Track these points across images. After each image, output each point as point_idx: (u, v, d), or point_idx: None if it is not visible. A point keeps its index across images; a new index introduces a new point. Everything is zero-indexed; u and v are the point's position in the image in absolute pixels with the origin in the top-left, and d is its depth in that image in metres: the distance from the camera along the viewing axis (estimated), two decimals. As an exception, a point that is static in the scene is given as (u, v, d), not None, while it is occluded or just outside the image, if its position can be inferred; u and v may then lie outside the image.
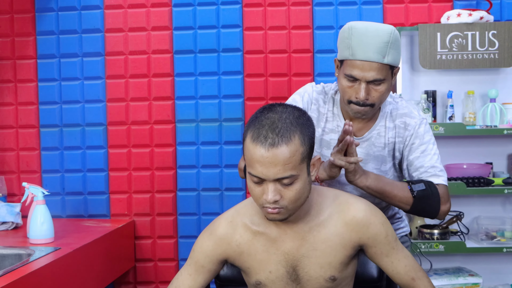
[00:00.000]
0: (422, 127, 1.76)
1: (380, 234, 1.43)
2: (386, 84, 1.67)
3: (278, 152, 1.28)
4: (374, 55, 1.63)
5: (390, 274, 1.47)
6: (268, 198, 1.30)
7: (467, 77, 2.78)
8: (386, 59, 1.64)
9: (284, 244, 1.44)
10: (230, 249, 1.46)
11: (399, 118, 1.77)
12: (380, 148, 1.78)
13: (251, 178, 1.33)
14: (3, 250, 2.14)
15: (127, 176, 2.89)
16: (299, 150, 1.31)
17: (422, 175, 1.73)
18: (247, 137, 1.33)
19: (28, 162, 2.91)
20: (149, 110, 2.86)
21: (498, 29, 2.58)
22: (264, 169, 1.29)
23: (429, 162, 1.74)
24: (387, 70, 1.66)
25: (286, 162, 1.29)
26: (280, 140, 1.29)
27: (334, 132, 1.79)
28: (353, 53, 1.65)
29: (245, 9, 2.81)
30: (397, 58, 1.68)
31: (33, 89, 2.90)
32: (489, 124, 2.67)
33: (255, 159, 1.30)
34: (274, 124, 1.31)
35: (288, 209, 1.34)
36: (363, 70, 1.64)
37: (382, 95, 1.68)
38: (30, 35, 2.88)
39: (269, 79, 2.82)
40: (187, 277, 1.49)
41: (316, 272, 1.43)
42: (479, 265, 2.79)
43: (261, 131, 1.30)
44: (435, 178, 1.72)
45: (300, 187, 1.33)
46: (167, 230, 2.88)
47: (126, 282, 2.91)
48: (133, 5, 2.84)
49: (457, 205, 2.80)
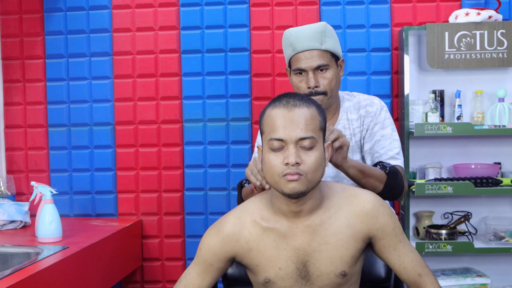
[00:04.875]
0: (383, 114, 1.90)
1: (388, 225, 1.45)
2: (332, 71, 1.83)
3: (300, 112, 1.35)
4: (312, 43, 1.81)
5: (397, 270, 1.47)
6: (290, 159, 1.32)
7: (475, 76, 2.77)
8: (324, 46, 1.82)
9: (295, 239, 1.43)
10: (239, 246, 1.45)
11: (362, 108, 1.91)
12: (349, 139, 1.87)
13: (271, 146, 1.36)
14: (12, 248, 2.15)
15: (135, 176, 2.90)
16: (318, 117, 1.38)
17: (381, 158, 1.84)
18: (267, 110, 1.40)
19: (36, 162, 2.93)
20: (157, 110, 2.87)
21: (507, 28, 2.56)
22: (286, 129, 1.34)
23: (388, 145, 1.85)
24: (329, 57, 1.83)
25: (307, 123, 1.35)
26: (301, 103, 1.37)
27: None
28: (294, 48, 1.84)
29: (253, 8, 2.81)
30: (336, 47, 1.86)
31: (42, 88, 2.91)
32: (498, 124, 2.65)
33: (276, 121, 1.35)
34: (292, 95, 1.40)
35: (307, 178, 1.35)
36: (306, 59, 1.81)
37: (331, 82, 1.83)
38: (39, 35, 2.89)
39: (276, 78, 2.82)
40: (196, 276, 1.48)
41: (327, 267, 1.43)
42: (487, 265, 2.77)
43: (281, 99, 1.39)
44: (393, 161, 1.83)
45: (318, 155, 1.36)
46: (175, 229, 2.89)
47: (133, 281, 2.92)
48: (140, 5, 2.84)
49: (465, 205, 2.79)
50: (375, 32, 2.77)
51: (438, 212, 2.81)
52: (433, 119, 2.62)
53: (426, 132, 2.55)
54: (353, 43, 2.77)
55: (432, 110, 2.64)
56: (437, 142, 2.80)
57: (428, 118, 2.64)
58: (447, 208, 2.80)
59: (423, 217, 2.75)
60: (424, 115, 2.68)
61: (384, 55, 2.78)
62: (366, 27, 2.77)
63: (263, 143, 1.41)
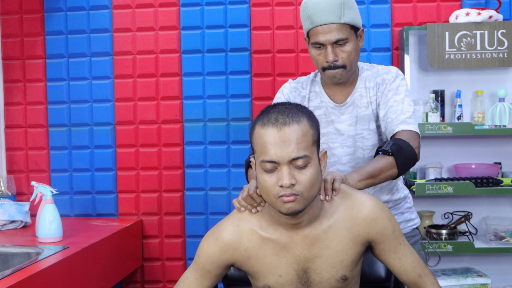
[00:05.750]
0: (398, 81, 1.84)
1: (387, 228, 1.43)
2: (351, 44, 1.77)
3: (291, 130, 1.28)
4: (330, 17, 1.74)
5: (397, 272, 1.47)
6: (284, 182, 1.27)
7: (476, 76, 2.77)
8: (342, 19, 1.74)
9: (295, 247, 1.41)
10: (238, 254, 1.43)
11: (379, 76, 1.86)
12: (364, 108, 1.85)
13: (263, 167, 1.30)
14: (12, 248, 2.15)
15: (135, 176, 2.90)
16: (309, 132, 1.31)
17: (392, 123, 1.77)
18: (256, 127, 1.32)
19: (37, 162, 2.93)
20: (157, 110, 2.87)
21: (507, 28, 2.56)
22: (277, 150, 1.27)
23: (400, 110, 1.78)
24: (348, 30, 1.76)
25: (299, 141, 1.28)
26: (290, 120, 1.29)
27: (319, 108, 1.88)
28: (312, 21, 1.77)
29: (253, 8, 2.81)
30: (356, 18, 1.78)
31: (42, 88, 2.91)
32: (498, 124, 2.65)
33: (267, 142, 1.29)
34: (281, 110, 1.31)
35: (304, 197, 1.31)
36: (324, 33, 1.75)
37: (350, 55, 1.77)
38: (39, 35, 2.90)
39: (276, 78, 2.82)
40: (194, 281, 1.47)
41: (328, 272, 1.42)
42: (487, 265, 2.77)
43: (270, 116, 1.30)
44: (403, 125, 1.74)
45: (313, 171, 1.31)
46: (175, 229, 2.89)
47: (134, 281, 2.92)
48: (141, 5, 2.85)
49: (466, 205, 2.79)
50: (376, 32, 2.77)
51: (438, 212, 2.81)
52: (433, 119, 2.62)
53: (427, 132, 2.55)
54: (353, 43, 2.77)
55: (433, 110, 2.64)
56: (437, 142, 2.80)
57: (428, 118, 2.64)
58: (447, 208, 2.80)
59: (423, 217, 2.75)
60: (424, 115, 2.68)
61: (384, 55, 2.78)
62: (366, 27, 2.77)
63: (255, 161, 1.36)
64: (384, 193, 1.90)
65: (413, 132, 1.74)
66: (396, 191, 1.93)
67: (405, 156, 1.67)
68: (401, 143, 1.68)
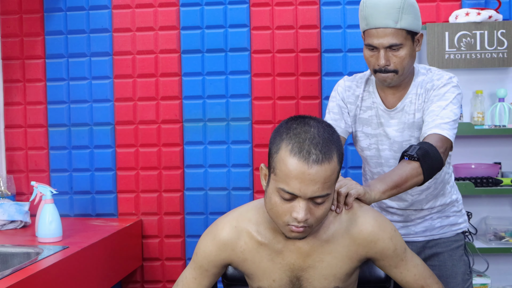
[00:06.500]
0: (447, 87, 1.75)
1: (388, 249, 1.41)
2: (405, 49, 1.72)
3: (321, 170, 1.22)
4: (386, 21, 1.69)
5: (399, 283, 1.47)
6: (300, 216, 1.24)
7: (476, 76, 2.77)
8: (399, 24, 1.69)
9: (291, 255, 1.41)
10: (234, 254, 1.44)
11: (430, 82, 1.79)
12: (412, 115, 1.80)
13: (281, 194, 1.25)
14: (12, 248, 2.15)
15: (135, 176, 2.90)
16: (336, 169, 1.27)
17: (427, 126, 1.70)
18: (283, 149, 1.24)
19: (36, 161, 2.93)
20: (157, 110, 2.87)
21: (507, 28, 2.56)
22: (303, 186, 1.22)
23: (439, 114, 1.70)
24: (403, 35, 1.70)
25: (326, 181, 1.24)
26: (323, 157, 1.22)
27: (370, 109, 1.86)
28: (368, 23, 1.72)
29: (253, 8, 2.81)
30: (414, 23, 1.71)
31: (42, 88, 2.91)
32: (498, 123, 2.65)
33: (294, 175, 1.22)
34: (315, 139, 1.24)
35: (312, 228, 1.29)
36: (378, 37, 1.70)
37: (403, 60, 1.72)
38: (39, 35, 2.90)
39: (276, 78, 2.82)
40: (192, 280, 1.48)
41: (320, 283, 1.42)
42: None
43: (303, 145, 1.23)
44: (436, 129, 1.67)
45: (329, 205, 1.29)
46: (175, 229, 2.89)
47: (134, 281, 2.92)
48: (140, 5, 2.84)
49: (465, 205, 2.77)
50: (375, 32, 2.77)
51: (438, 212, 2.81)
52: (433, 119, 2.62)
53: (426, 132, 2.55)
54: (353, 43, 2.77)
55: (432, 110, 2.64)
56: (437, 142, 2.79)
57: (428, 118, 2.64)
58: (447, 208, 2.80)
59: (423, 217, 2.74)
60: (424, 115, 2.68)
61: (384, 55, 2.77)
62: (366, 27, 2.77)
63: (270, 178, 1.29)
64: (423, 202, 1.86)
65: (443, 136, 1.67)
66: (441, 196, 1.89)
67: (431, 161, 1.60)
68: (428, 147, 1.61)
